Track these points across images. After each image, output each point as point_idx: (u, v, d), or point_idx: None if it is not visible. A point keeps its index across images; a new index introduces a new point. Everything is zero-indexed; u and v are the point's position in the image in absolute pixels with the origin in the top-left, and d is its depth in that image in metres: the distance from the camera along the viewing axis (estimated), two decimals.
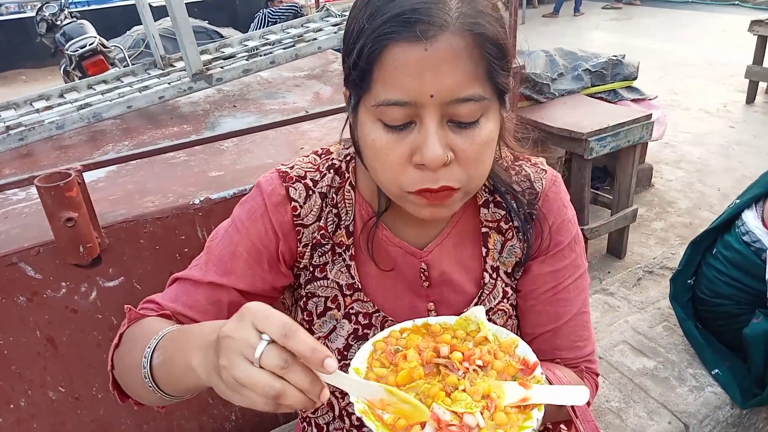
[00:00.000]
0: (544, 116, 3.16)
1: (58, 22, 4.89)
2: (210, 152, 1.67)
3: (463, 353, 0.76)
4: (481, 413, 0.68)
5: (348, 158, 0.93)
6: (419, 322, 0.84)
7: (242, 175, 1.50)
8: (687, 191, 4.08)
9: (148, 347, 0.74)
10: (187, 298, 0.88)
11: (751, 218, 1.47)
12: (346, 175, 0.92)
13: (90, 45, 4.36)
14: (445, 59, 0.68)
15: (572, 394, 0.72)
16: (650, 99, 3.83)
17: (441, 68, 0.69)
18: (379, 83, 0.71)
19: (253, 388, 0.57)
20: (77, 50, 4.34)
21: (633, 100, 3.76)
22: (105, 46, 4.54)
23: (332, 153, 0.95)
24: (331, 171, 0.92)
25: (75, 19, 4.94)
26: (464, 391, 0.70)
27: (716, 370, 1.56)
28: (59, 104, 1.95)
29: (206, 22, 6.08)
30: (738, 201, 1.55)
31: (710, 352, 1.60)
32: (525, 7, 10.75)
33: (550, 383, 0.91)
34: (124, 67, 3.17)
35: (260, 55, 2.10)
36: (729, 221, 1.57)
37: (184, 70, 2.01)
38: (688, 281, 1.67)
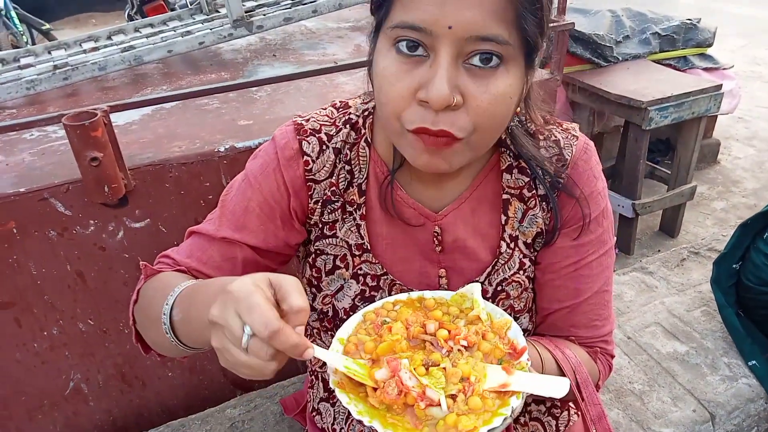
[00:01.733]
0: (602, 81, 2.99)
1: None
2: (242, 101, 1.66)
3: (449, 331, 0.74)
4: (455, 396, 0.66)
5: (366, 114, 0.90)
6: (414, 295, 0.82)
7: (270, 126, 1.49)
8: (756, 171, 3.80)
9: (166, 304, 0.74)
10: (202, 254, 0.88)
11: None
12: (362, 131, 0.88)
13: None
14: None
15: (552, 385, 0.69)
16: (725, 68, 3.54)
17: None
18: (399, 4, 0.67)
19: (247, 370, 0.59)
20: None
21: (705, 69, 3.48)
22: None
23: (351, 107, 0.91)
24: (348, 126, 0.88)
25: None
26: (444, 369, 0.69)
27: (753, 362, 1.47)
28: (105, 46, 1.98)
29: None
30: None
31: (749, 343, 1.50)
32: None
33: (557, 362, 0.88)
34: None
35: (303, 4, 2.06)
36: None
37: (227, 16, 1.99)
38: (734, 266, 1.56)
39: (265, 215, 0.87)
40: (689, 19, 3.42)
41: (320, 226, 0.90)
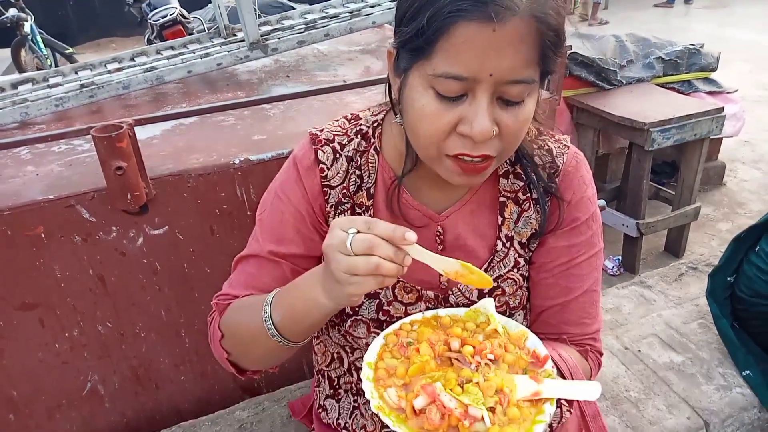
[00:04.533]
0: (606, 104, 3.07)
1: None
2: (257, 117, 1.75)
3: (474, 347, 0.78)
4: (493, 409, 0.69)
5: (375, 125, 0.98)
6: (429, 314, 0.86)
7: (282, 140, 1.57)
8: (762, 193, 3.84)
9: (264, 312, 0.85)
10: (256, 283, 0.97)
11: None
12: (372, 141, 0.97)
13: (171, 15, 4.61)
14: (509, 42, 0.72)
15: (583, 389, 0.73)
16: (728, 92, 3.61)
17: (504, 50, 0.72)
18: (441, 54, 0.74)
19: (356, 272, 0.70)
20: (159, 20, 4.61)
21: (709, 93, 3.56)
22: (185, 17, 4.78)
23: (361, 119, 1.00)
24: (359, 136, 0.97)
25: None
26: (477, 384, 0.72)
27: (748, 372, 1.51)
28: (129, 66, 2.10)
29: None
30: None
31: (743, 353, 1.54)
32: None
33: (557, 367, 0.93)
34: None
35: (316, 28, 2.17)
36: None
37: (243, 40, 2.10)
38: (728, 278, 1.61)
39: (299, 223, 0.96)
40: (692, 44, 3.51)
41: None
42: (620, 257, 3.25)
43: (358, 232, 0.70)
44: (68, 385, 1.57)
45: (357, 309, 0.98)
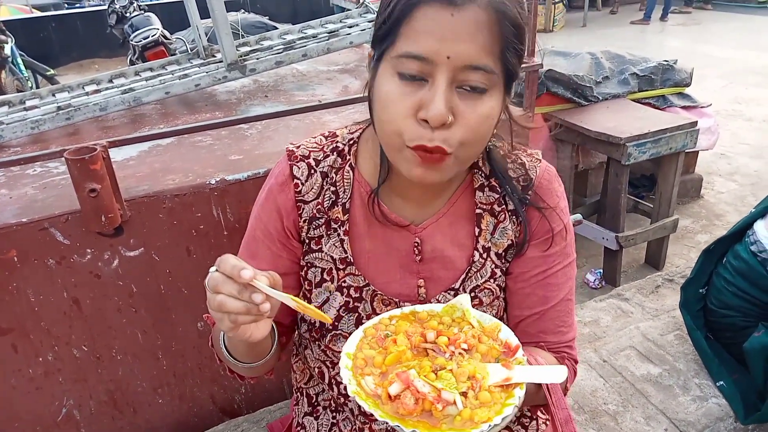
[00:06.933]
0: (583, 119, 3.12)
1: (127, 14, 5.19)
2: (234, 138, 1.76)
3: (449, 338, 0.81)
4: (465, 393, 0.73)
5: (351, 142, 1.01)
6: (407, 309, 0.89)
7: (259, 160, 1.58)
8: (738, 205, 3.91)
9: (219, 339, 0.95)
10: None
11: (761, 228, 1.42)
12: (348, 158, 0.99)
13: (153, 36, 4.61)
14: (466, 28, 0.75)
15: (551, 372, 0.77)
16: (702, 107, 3.70)
17: (462, 35, 0.75)
18: (403, 37, 0.78)
19: (211, 308, 0.74)
20: (141, 41, 4.60)
21: (683, 107, 3.64)
22: (167, 38, 4.78)
23: (338, 136, 1.02)
24: (334, 153, 0.99)
25: (142, 11, 5.24)
26: (451, 371, 0.75)
27: (721, 382, 1.53)
28: (107, 88, 2.10)
29: (266, 17, 6.33)
30: (753, 210, 1.51)
31: (717, 364, 1.56)
32: (587, 9, 10.49)
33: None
34: None
35: (294, 48, 2.19)
36: (742, 230, 1.52)
37: (222, 60, 2.12)
38: (700, 290, 1.63)
39: (268, 240, 0.99)
40: (666, 61, 3.59)
41: (307, 241, 1.00)
42: (601, 270, 3.28)
43: (217, 270, 0.73)
44: (43, 411, 1.54)
45: (337, 324, 0.99)
